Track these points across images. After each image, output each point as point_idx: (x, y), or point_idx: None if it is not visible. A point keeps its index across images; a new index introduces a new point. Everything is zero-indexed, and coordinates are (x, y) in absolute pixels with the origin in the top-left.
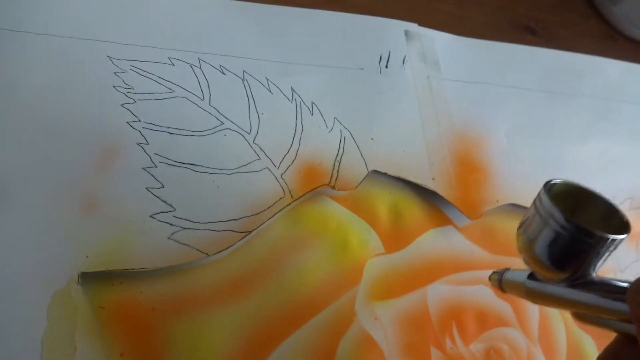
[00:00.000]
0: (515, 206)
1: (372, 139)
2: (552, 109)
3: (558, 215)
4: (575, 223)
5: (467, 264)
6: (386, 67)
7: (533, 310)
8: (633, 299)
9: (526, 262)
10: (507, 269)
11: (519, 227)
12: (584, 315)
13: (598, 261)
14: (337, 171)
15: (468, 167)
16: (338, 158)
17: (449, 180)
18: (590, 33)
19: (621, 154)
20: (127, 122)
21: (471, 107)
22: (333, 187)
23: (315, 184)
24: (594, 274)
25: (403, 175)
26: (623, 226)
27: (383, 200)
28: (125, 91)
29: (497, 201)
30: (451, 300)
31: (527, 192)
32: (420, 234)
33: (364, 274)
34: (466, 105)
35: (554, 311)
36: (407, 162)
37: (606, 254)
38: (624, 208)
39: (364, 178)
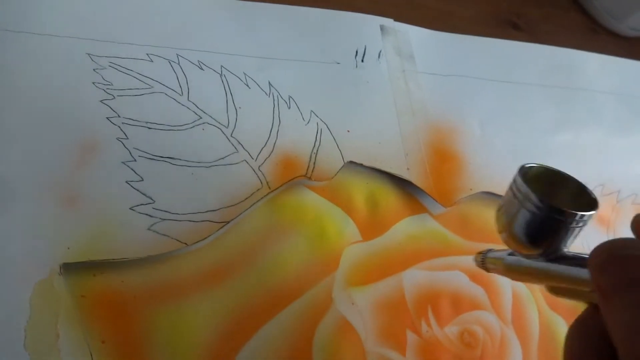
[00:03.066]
0: (489, 194)
1: (348, 131)
2: (524, 99)
3: (532, 197)
4: (548, 203)
5: (442, 250)
6: (362, 61)
7: (506, 294)
8: (592, 262)
9: (505, 242)
10: (489, 250)
11: (498, 210)
12: (558, 288)
13: (570, 237)
14: (314, 163)
15: (442, 157)
16: (314, 150)
17: (424, 170)
18: (572, 26)
19: (592, 142)
20: (107, 118)
21: (446, 99)
22: (309, 179)
23: (292, 176)
24: (565, 250)
25: (378, 165)
26: (592, 203)
27: (360, 189)
28: (104, 87)
29: (471, 189)
30: (427, 285)
31: (500, 180)
32: (397, 222)
33: (341, 261)
34: (441, 97)
35: (527, 295)
36: (383, 153)
37: (577, 230)
38: (596, 194)
39: (340, 169)
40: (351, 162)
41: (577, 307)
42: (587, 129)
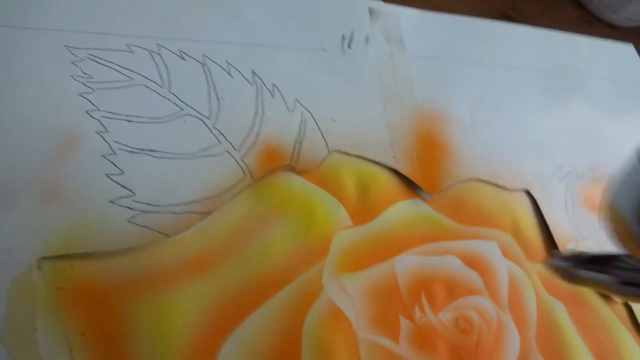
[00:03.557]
0: (478, 180)
1: (333, 120)
2: (516, 84)
3: None
4: None
5: (435, 235)
6: (349, 47)
7: (502, 278)
8: None
9: (616, 240)
10: (575, 257)
11: (609, 198)
12: None
13: None
14: (298, 152)
15: (429, 145)
16: (298, 140)
17: (410, 158)
18: (568, 19)
19: (584, 127)
20: (86, 111)
21: (435, 85)
22: (294, 168)
23: (276, 166)
24: None
25: (363, 154)
26: None
27: (349, 174)
28: (83, 80)
29: (458, 177)
30: (420, 271)
31: (489, 167)
32: (388, 207)
33: (331, 246)
34: (430, 82)
35: (524, 279)
36: (368, 142)
37: None
38: (587, 179)
39: (325, 158)
40: (336, 151)
41: (576, 291)
42: (579, 113)
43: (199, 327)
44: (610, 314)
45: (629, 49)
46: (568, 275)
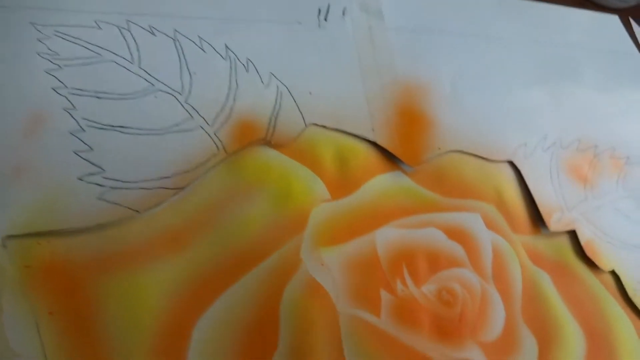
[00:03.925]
0: (460, 152)
1: (310, 93)
2: (499, 55)
3: None
4: None
5: (417, 207)
6: (325, 20)
7: (486, 250)
8: None
9: None
10: None
11: None
12: None
13: None
14: (274, 126)
15: (409, 117)
16: (274, 114)
17: (390, 130)
18: (561, 1)
19: (569, 98)
20: (53, 89)
21: (415, 56)
22: (269, 142)
23: (251, 140)
24: None
25: (342, 127)
26: None
27: (327, 147)
28: (50, 57)
29: (439, 149)
30: (401, 244)
31: (471, 138)
32: (368, 180)
33: (309, 220)
34: (410, 54)
35: (509, 250)
36: (346, 115)
37: None
38: (572, 150)
39: (302, 131)
40: (313, 124)
41: (561, 261)
42: (564, 85)
43: (172, 304)
44: (597, 283)
45: (614, 20)
46: None
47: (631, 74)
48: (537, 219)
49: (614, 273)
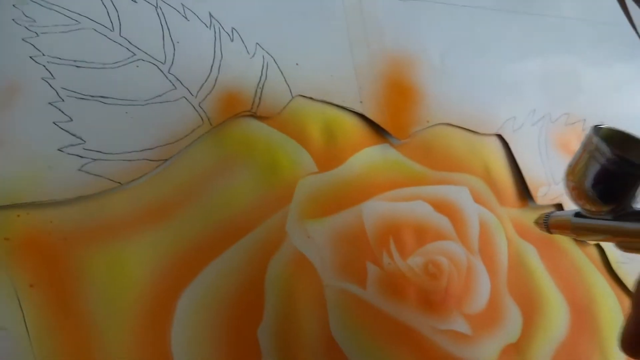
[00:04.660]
0: (449, 125)
1: (297, 64)
2: (489, 26)
3: (607, 150)
4: (622, 156)
5: (404, 180)
6: None
7: (473, 223)
8: None
9: (575, 200)
10: (551, 212)
11: (568, 167)
12: (628, 243)
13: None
14: (260, 98)
15: (398, 90)
16: (260, 85)
17: (378, 103)
18: None
19: (559, 71)
20: (30, 57)
21: (404, 27)
22: (255, 114)
23: (236, 112)
24: (635, 206)
25: (329, 99)
26: None
27: (314, 119)
28: (26, 24)
29: (428, 122)
30: (388, 216)
31: (459, 111)
32: (355, 152)
33: (295, 193)
34: (400, 25)
35: (495, 223)
36: (334, 86)
37: None
38: (561, 124)
39: (288, 103)
40: (300, 95)
41: (547, 235)
42: (555, 56)
43: (156, 276)
44: (582, 256)
45: None
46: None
47: (623, 48)
48: (524, 192)
49: (598, 246)
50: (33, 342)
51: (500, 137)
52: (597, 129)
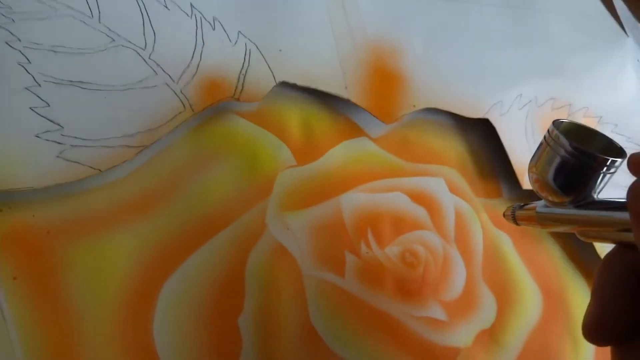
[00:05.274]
0: (433, 111)
1: (280, 50)
2: (471, 18)
3: (566, 144)
4: (581, 148)
5: (382, 172)
6: None
7: (449, 213)
8: (630, 191)
9: (539, 192)
10: (519, 204)
11: (531, 161)
12: (589, 232)
13: (599, 183)
14: (242, 84)
15: (383, 76)
16: (243, 71)
17: (363, 88)
18: None
19: (541, 59)
20: (6, 42)
21: (387, 18)
22: (238, 100)
23: (218, 98)
24: (595, 196)
25: (313, 85)
26: (620, 155)
27: (293, 114)
28: (2, 11)
29: (414, 106)
30: (366, 207)
31: (445, 97)
32: (334, 146)
33: (274, 186)
34: (382, 15)
35: (471, 213)
36: (319, 73)
37: (607, 177)
38: (547, 108)
39: (271, 89)
40: (283, 82)
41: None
42: (536, 46)
43: (138, 269)
44: (555, 246)
45: None
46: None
47: (602, 35)
48: (499, 182)
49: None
50: (16, 334)
51: (487, 121)
52: (557, 123)
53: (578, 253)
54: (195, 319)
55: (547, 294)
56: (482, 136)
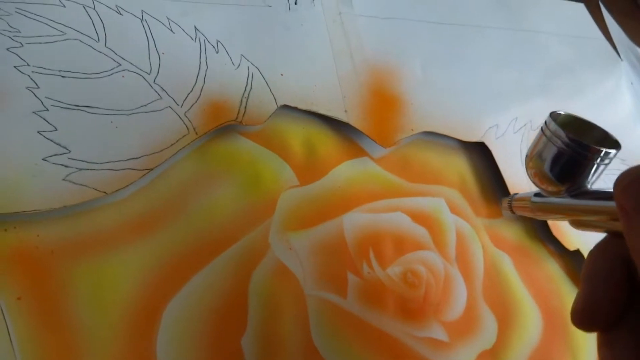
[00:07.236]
0: (431, 134)
1: (281, 74)
2: (467, 41)
3: (562, 134)
4: (577, 139)
5: (383, 192)
6: (295, 3)
7: (450, 233)
8: (617, 185)
9: (535, 182)
10: (515, 194)
11: (528, 151)
12: (581, 221)
13: (593, 174)
14: (245, 107)
15: (382, 99)
16: (245, 95)
17: (362, 111)
18: None
19: (535, 82)
20: (15, 67)
21: (385, 42)
22: (240, 123)
23: (221, 121)
24: (589, 186)
25: (314, 109)
26: (615, 146)
27: (296, 134)
28: (10, 35)
29: (412, 130)
30: (368, 227)
31: (443, 120)
32: (335, 166)
33: (277, 206)
34: (380, 40)
35: (471, 233)
36: (319, 96)
37: (601, 167)
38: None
39: (273, 113)
40: (285, 105)
41: (522, 244)
42: (530, 68)
43: (142, 289)
44: (555, 265)
45: (580, 8)
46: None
47: (596, 59)
48: (499, 203)
49: (578, 252)
50: (20, 353)
51: (483, 144)
52: (555, 115)
53: (578, 273)
54: (199, 339)
55: (547, 313)
56: (481, 157)
